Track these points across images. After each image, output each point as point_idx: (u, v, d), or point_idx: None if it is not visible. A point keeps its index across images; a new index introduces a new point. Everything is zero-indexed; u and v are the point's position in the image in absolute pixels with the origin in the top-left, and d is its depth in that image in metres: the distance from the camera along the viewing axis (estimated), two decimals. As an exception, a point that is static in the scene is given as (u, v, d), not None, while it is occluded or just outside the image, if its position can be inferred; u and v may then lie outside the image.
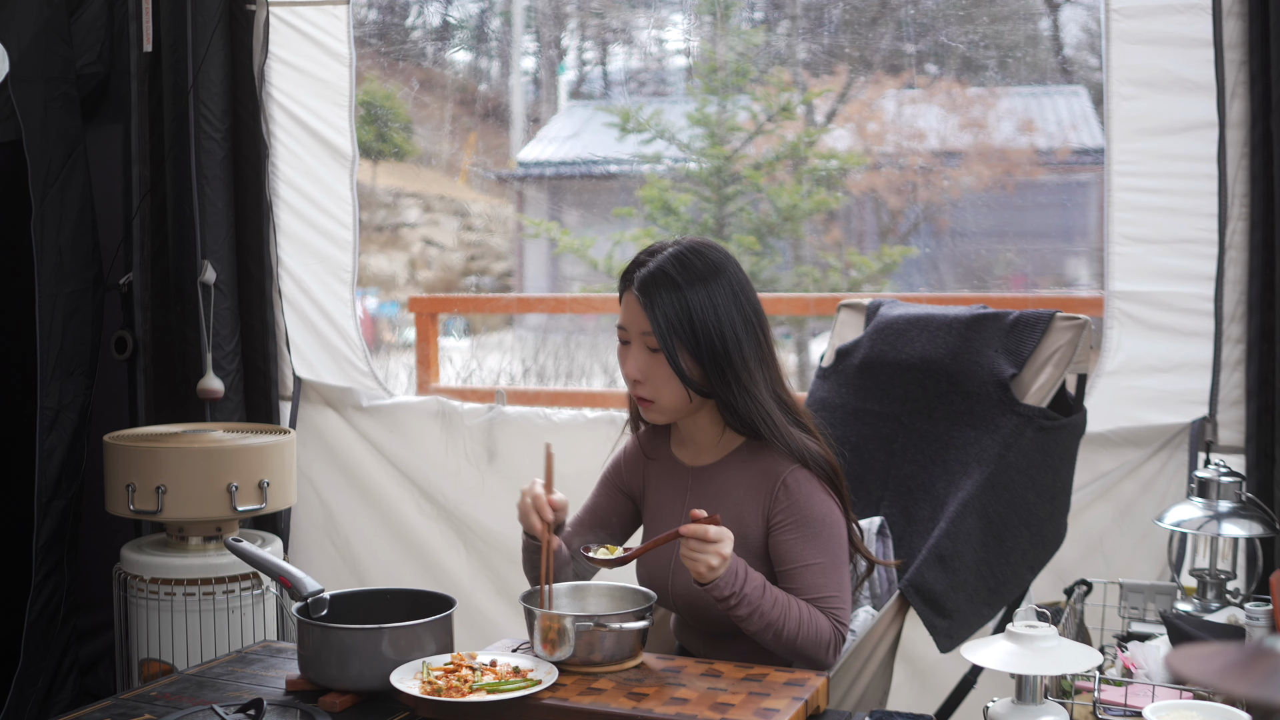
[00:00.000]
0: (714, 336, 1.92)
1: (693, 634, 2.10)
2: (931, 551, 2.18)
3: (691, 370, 1.94)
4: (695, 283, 1.93)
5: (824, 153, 5.15)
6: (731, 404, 1.95)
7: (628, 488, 2.16)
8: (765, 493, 1.97)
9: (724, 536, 1.82)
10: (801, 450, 1.96)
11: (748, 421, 1.96)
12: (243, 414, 3.39)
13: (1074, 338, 2.29)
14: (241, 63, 3.35)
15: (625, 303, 1.99)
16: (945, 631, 2.16)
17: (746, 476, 2.00)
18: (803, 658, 1.90)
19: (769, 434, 1.96)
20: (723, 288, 1.94)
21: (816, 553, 1.93)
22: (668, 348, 1.92)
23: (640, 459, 2.15)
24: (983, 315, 2.41)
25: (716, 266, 1.96)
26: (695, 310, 1.92)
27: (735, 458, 2.02)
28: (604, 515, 2.16)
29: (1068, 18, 4.86)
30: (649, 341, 1.94)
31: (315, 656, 1.82)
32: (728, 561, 1.83)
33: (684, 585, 1.99)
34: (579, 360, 5.36)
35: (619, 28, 5.21)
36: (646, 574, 2.08)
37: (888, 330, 2.49)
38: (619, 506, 2.16)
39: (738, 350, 1.93)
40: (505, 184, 5.73)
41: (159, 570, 2.87)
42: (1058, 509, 2.34)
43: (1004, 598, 2.27)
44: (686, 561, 1.83)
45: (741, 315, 1.95)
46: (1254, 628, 1.99)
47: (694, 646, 2.10)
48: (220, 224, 3.33)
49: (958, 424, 2.32)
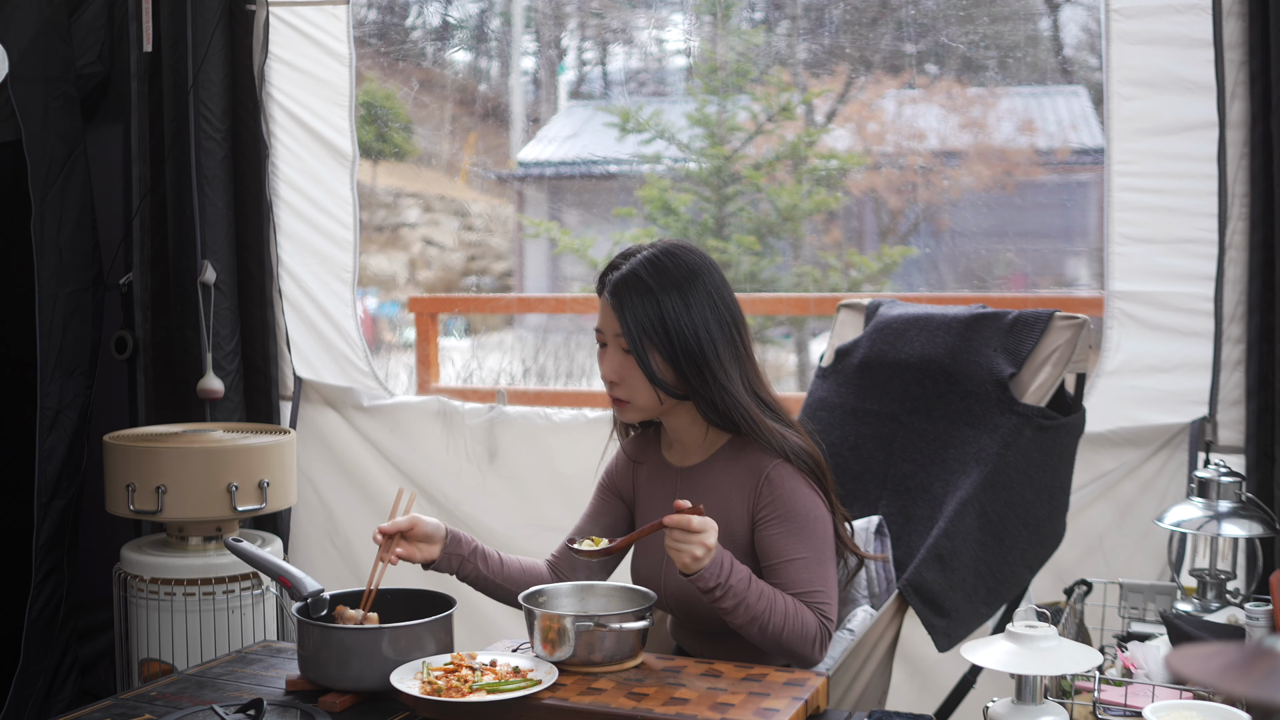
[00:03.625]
0: (688, 339, 1.94)
1: (688, 633, 2.11)
2: (930, 551, 2.18)
3: (664, 372, 1.96)
4: (669, 287, 1.95)
5: (824, 153, 5.15)
6: (710, 401, 1.96)
7: (621, 493, 2.18)
8: (749, 488, 1.98)
9: (707, 526, 1.82)
10: (783, 445, 1.98)
11: (727, 417, 1.98)
12: (243, 414, 3.39)
13: (1073, 337, 2.29)
14: (241, 63, 3.35)
15: (601, 306, 2.02)
16: (944, 631, 2.16)
17: (731, 473, 2.01)
18: (788, 653, 1.91)
19: (749, 429, 1.97)
20: (697, 290, 1.96)
21: (801, 547, 1.94)
22: (638, 350, 1.94)
23: (629, 463, 2.17)
24: (982, 315, 2.41)
25: (691, 270, 1.97)
26: (668, 313, 1.94)
27: (720, 455, 2.04)
28: (604, 521, 2.17)
29: (1068, 18, 4.86)
30: (623, 343, 1.97)
31: (315, 656, 1.82)
32: (712, 552, 1.83)
33: (676, 584, 2.00)
34: (579, 360, 5.36)
35: (619, 28, 5.21)
36: (640, 573, 2.09)
37: (887, 330, 2.49)
38: (616, 512, 2.18)
39: (713, 351, 1.95)
40: (505, 184, 5.73)
41: (159, 570, 2.87)
42: (1056, 508, 2.34)
43: (1002, 597, 2.27)
44: (671, 552, 1.83)
45: (716, 317, 1.96)
46: (1254, 628, 1.99)
47: (690, 646, 2.10)
48: (220, 224, 3.33)
49: (957, 423, 2.32)
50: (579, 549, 1.94)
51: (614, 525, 2.17)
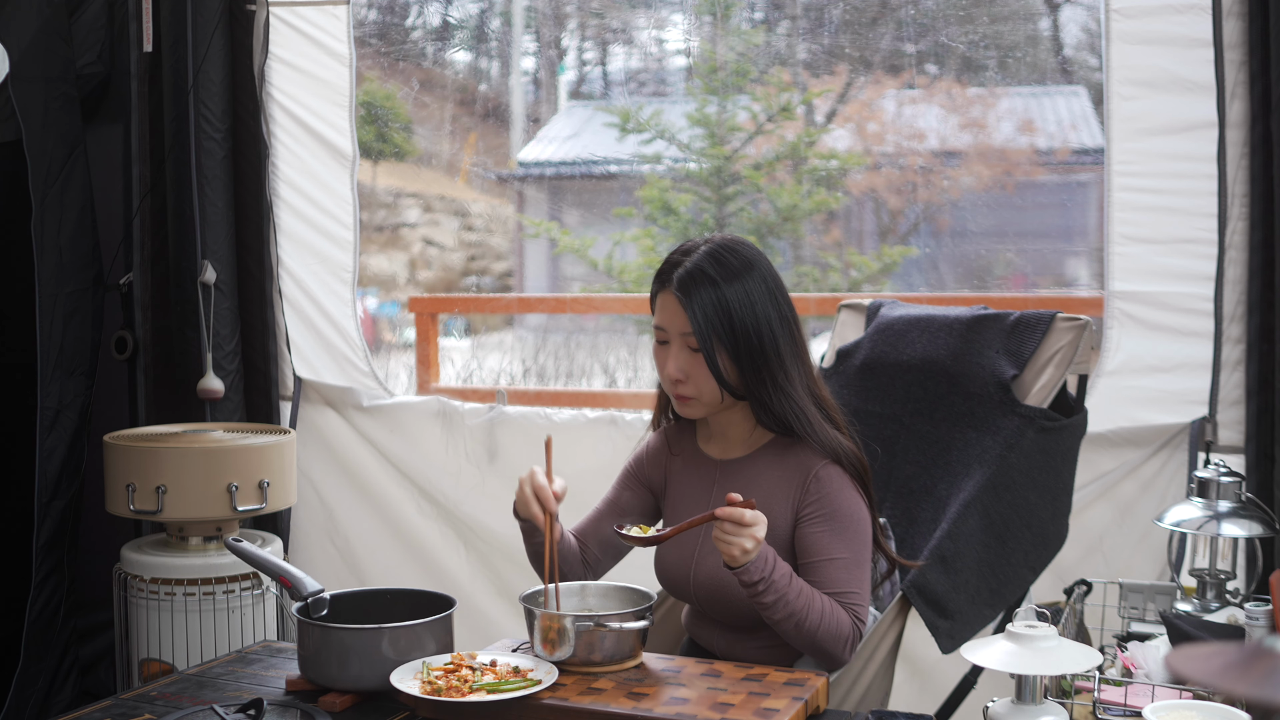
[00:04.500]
0: (751, 333, 1.93)
1: (708, 627, 2.09)
2: (933, 553, 2.18)
3: (728, 369, 1.95)
4: (732, 279, 1.94)
5: (824, 153, 5.16)
6: (766, 403, 1.96)
7: (649, 481, 2.17)
8: (796, 486, 1.98)
9: (759, 520, 1.82)
10: (835, 447, 1.98)
11: (781, 420, 1.97)
12: (243, 414, 3.39)
13: (1075, 338, 2.29)
14: (241, 63, 3.35)
15: (662, 302, 1.99)
16: (947, 632, 2.16)
17: (777, 470, 2.01)
18: (820, 652, 1.90)
19: (803, 431, 1.97)
20: (757, 283, 1.95)
21: (842, 548, 1.94)
22: (706, 348, 1.93)
23: (664, 454, 2.16)
24: (984, 316, 2.41)
25: (750, 262, 1.97)
26: (734, 307, 1.93)
27: (766, 452, 2.03)
28: (623, 508, 2.16)
29: (1068, 18, 4.86)
30: (689, 341, 1.95)
31: (315, 656, 1.82)
32: (760, 546, 1.83)
33: (707, 575, 2.00)
34: (579, 360, 5.37)
35: (619, 28, 5.21)
36: (668, 563, 2.08)
37: (888, 331, 2.49)
38: (639, 500, 2.17)
39: (773, 347, 1.95)
40: (505, 184, 5.73)
41: (159, 570, 2.87)
42: (1059, 510, 2.34)
43: (1005, 599, 2.27)
44: (720, 544, 1.83)
45: (777, 311, 1.97)
46: (1254, 628, 1.99)
47: (709, 641, 2.09)
48: (220, 224, 3.33)
49: (959, 425, 2.32)
50: (628, 534, 1.93)
51: (635, 513, 2.16)
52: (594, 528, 2.16)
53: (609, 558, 2.15)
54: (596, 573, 2.15)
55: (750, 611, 1.93)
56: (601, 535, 2.14)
